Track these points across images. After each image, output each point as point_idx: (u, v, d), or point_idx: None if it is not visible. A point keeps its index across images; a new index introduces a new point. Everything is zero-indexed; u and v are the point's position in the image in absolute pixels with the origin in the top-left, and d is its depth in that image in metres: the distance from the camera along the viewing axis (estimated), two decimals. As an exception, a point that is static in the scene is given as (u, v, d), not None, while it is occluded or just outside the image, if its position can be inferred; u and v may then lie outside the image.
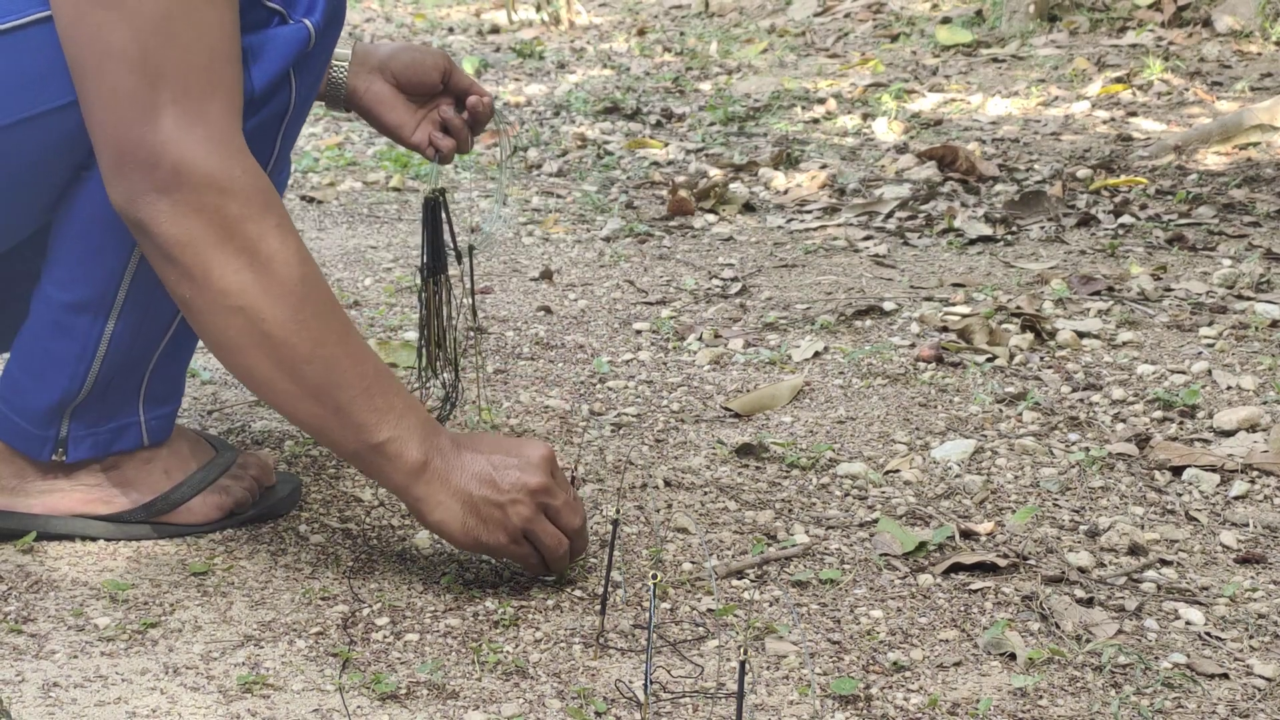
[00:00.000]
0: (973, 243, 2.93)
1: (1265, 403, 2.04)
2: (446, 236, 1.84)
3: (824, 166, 3.57)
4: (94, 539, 1.60)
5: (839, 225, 3.07)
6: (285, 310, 1.38)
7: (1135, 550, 1.62)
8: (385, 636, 1.42)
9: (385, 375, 1.44)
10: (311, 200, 3.28)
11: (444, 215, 1.84)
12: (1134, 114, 4.16)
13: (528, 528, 1.46)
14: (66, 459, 1.58)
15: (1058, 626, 1.46)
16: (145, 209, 1.36)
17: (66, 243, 1.50)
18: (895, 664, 1.39)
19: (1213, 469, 1.83)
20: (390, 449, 1.42)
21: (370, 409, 1.42)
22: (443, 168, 1.85)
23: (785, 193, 3.37)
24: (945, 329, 2.37)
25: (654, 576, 1.24)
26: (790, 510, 1.73)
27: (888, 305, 2.49)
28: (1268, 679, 1.37)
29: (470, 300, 1.93)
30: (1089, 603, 1.51)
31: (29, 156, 1.43)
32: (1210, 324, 2.37)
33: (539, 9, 6.67)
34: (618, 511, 1.52)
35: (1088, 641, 1.43)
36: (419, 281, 1.88)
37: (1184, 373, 2.16)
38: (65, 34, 1.37)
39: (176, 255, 1.37)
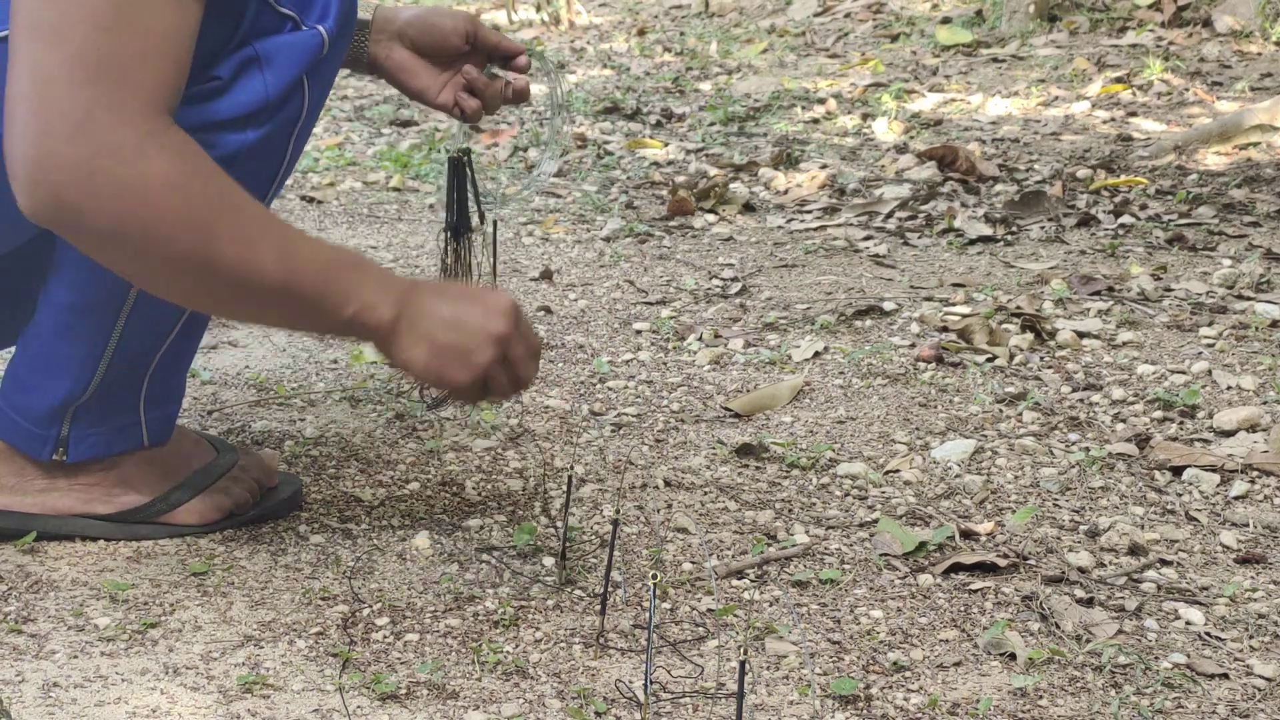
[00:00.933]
0: (973, 243, 2.93)
1: (1265, 403, 2.04)
2: (472, 199, 1.85)
3: (824, 166, 3.57)
4: (94, 539, 1.60)
5: (839, 225, 3.07)
6: (228, 243, 1.34)
7: (1135, 550, 1.62)
8: (385, 636, 1.42)
9: (338, 256, 1.43)
10: (311, 200, 3.28)
11: (469, 174, 1.84)
12: (1134, 114, 4.16)
13: (488, 372, 1.48)
14: (67, 459, 1.58)
15: (1058, 626, 1.46)
16: (68, 203, 1.30)
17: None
18: (895, 664, 1.39)
19: (1213, 469, 1.83)
20: (361, 318, 1.42)
21: (332, 293, 1.40)
22: (467, 130, 1.86)
23: (785, 193, 3.37)
24: (945, 329, 2.37)
25: (654, 576, 1.24)
26: (790, 510, 1.73)
27: (888, 305, 2.49)
28: (1268, 679, 1.37)
29: (492, 262, 1.93)
30: (1089, 603, 1.51)
31: None
32: (1210, 324, 2.37)
33: (539, 9, 6.67)
34: (618, 511, 1.52)
35: (1088, 641, 1.43)
36: (442, 242, 1.87)
37: (1184, 373, 2.16)
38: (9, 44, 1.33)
39: (125, 239, 1.32)
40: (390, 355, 1.47)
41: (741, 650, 1.13)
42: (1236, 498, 1.77)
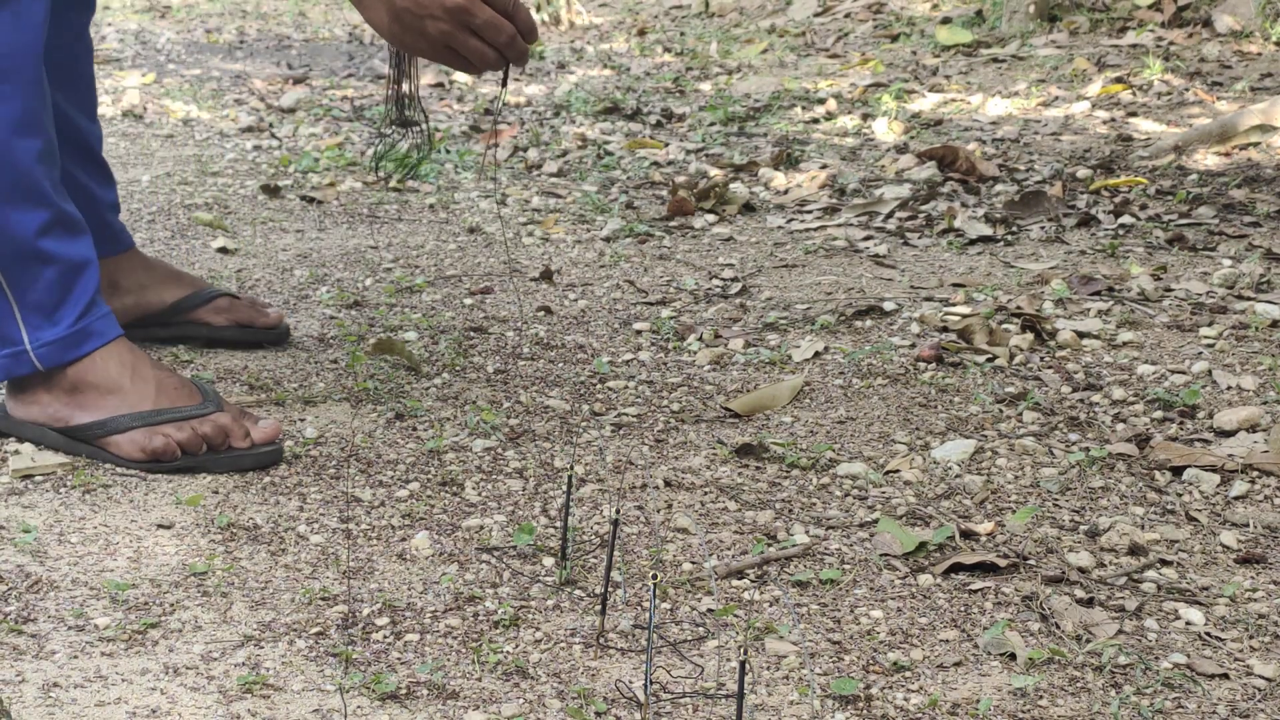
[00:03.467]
0: (973, 243, 2.93)
1: (1265, 403, 2.04)
2: None
3: (824, 166, 3.57)
4: (54, 450, 1.82)
5: (839, 225, 3.07)
6: None
7: (1135, 550, 1.62)
8: (385, 636, 1.42)
9: None
10: (311, 200, 3.28)
11: None
12: (1134, 114, 4.16)
13: (446, 42, 1.63)
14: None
15: (1058, 626, 1.46)
16: None
17: None
18: (895, 664, 1.39)
19: (1213, 469, 1.83)
20: None
21: None
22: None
23: (785, 193, 3.37)
24: (945, 329, 2.37)
25: (654, 576, 1.24)
26: (790, 510, 1.73)
27: (888, 305, 2.49)
28: (1268, 679, 1.37)
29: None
30: (1089, 603, 1.51)
31: None
32: (1210, 324, 2.37)
33: (539, 9, 6.67)
34: (617, 511, 1.52)
35: (1088, 641, 1.43)
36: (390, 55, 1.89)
37: (1184, 373, 2.16)
38: None
39: None
40: (360, 12, 1.66)
41: (741, 650, 1.13)
42: (1236, 498, 1.77)
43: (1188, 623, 1.48)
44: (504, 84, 1.87)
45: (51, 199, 1.78)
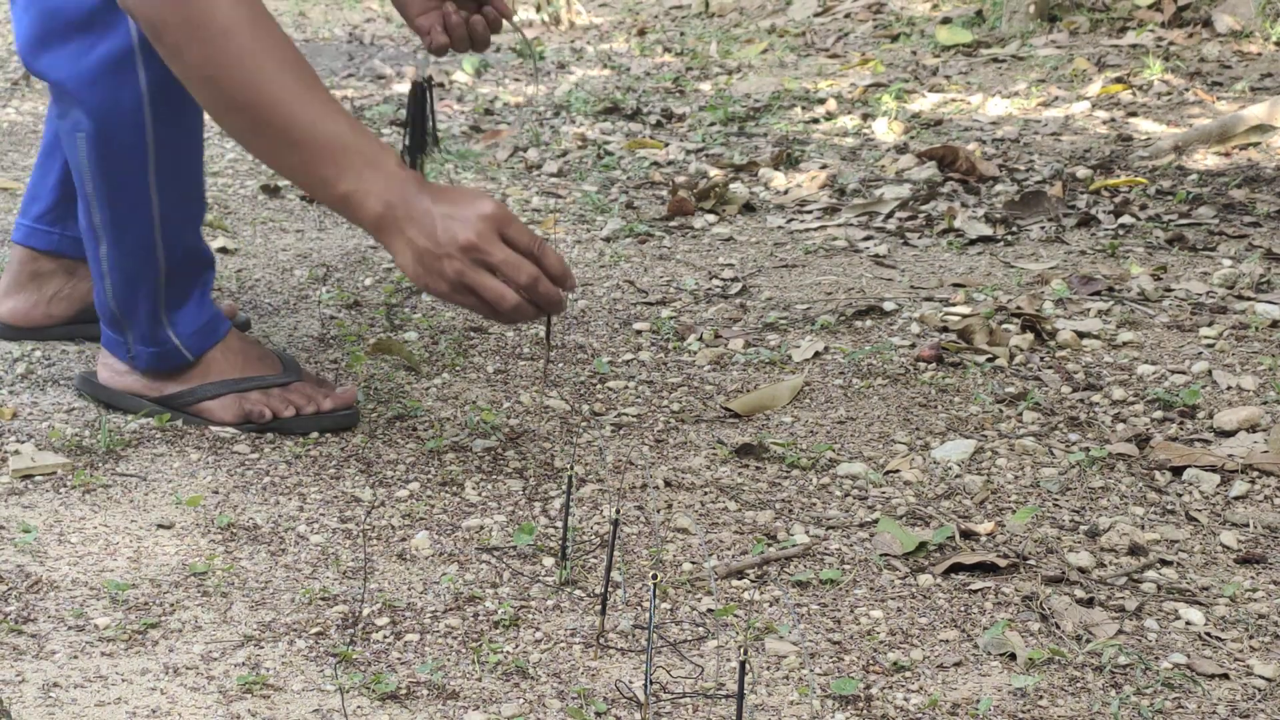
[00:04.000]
0: (973, 243, 2.93)
1: (1265, 403, 2.04)
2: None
3: (824, 166, 3.57)
4: (150, 415, 1.93)
5: (839, 225, 3.07)
6: (244, 76, 1.57)
7: (1135, 550, 1.62)
8: (385, 636, 1.43)
9: (349, 134, 1.59)
10: (311, 200, 3.28)
11: (429, 101, 1.93)
12: (1134, 114, 4.16)
13: (462, 281, 1.57)
14: (140, 367, 1.92)
15: (1058, 626, 1.46)
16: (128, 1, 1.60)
17: (61, 189, 2.08)
18: (895, 664, 1.39)
19: (1213, 469, 1.83)
20: (353, 200, 1.59)
21: (330, 164, 1.58)
22: (435, 59, 1.99)
23: (785, 193, 3.37)
24: (945, 329, 2.37)
25: (654, 576, 1.24)
26: (790, 510, 1.73)
27: (888, 305, 2.49)
28: (1268, 679, 1.37)
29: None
30: (1089, 603, 1.51)
31: None
32: (1210, 324, 2.37)
33: (539, 9, 6.67)
34: (618, 511, 1.52)
35: (1088, 641, 1.43)
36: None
37: (1184, 373, 2.16)
38: None
39: (157, 36, 1.59)
40: (390, 254, 1.63)
41: (741, 650, 1.13)
42: (1236, 498, 1.77)
43: (1188, 623, 1.48)
44: (548, 338, 1.77)
45: (204, 193, 1.93)
